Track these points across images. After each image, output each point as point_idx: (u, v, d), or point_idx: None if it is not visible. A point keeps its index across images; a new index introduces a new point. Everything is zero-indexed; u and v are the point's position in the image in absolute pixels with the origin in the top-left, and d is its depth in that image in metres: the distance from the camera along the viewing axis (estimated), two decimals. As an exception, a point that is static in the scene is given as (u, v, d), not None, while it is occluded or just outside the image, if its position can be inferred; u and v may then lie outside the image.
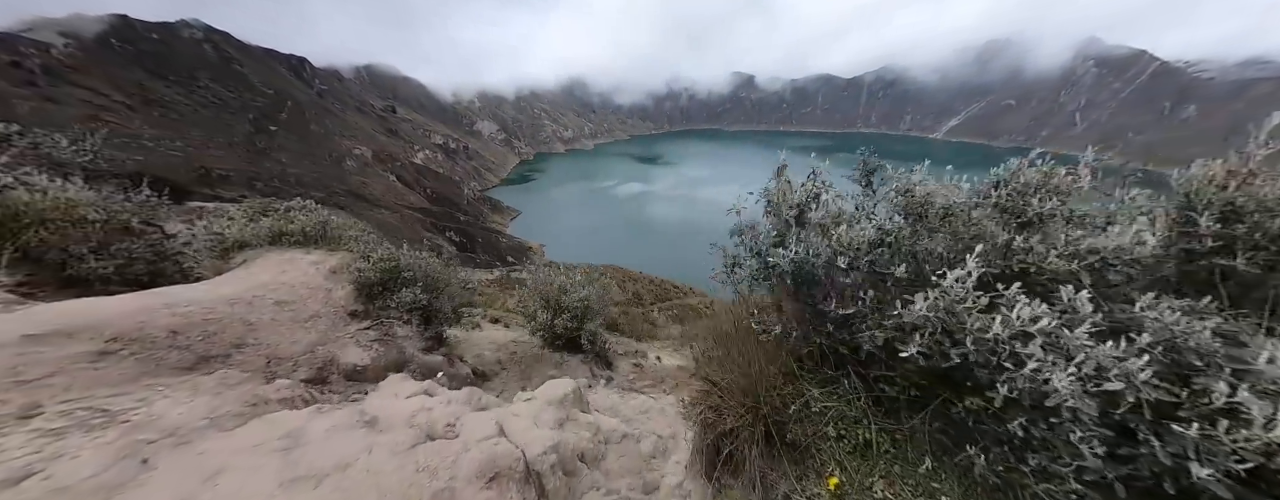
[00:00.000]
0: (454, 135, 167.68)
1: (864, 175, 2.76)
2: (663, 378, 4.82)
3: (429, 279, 4.30)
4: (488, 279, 53.44)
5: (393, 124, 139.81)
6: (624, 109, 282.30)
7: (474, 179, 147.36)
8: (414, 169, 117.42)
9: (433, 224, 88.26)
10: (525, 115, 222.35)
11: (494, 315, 7.79)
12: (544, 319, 4.67)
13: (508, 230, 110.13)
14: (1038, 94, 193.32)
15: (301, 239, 4.54)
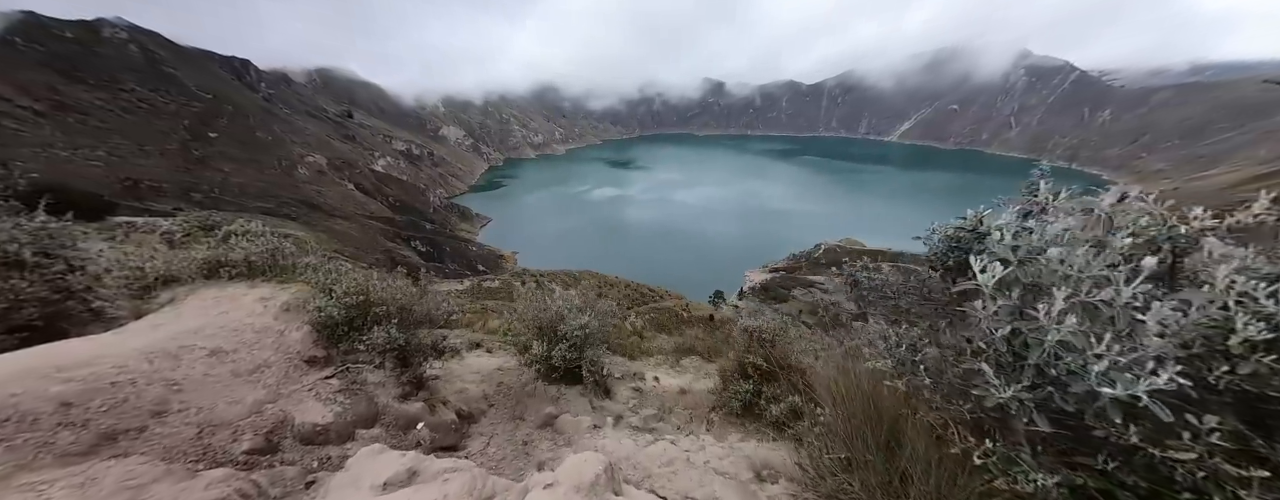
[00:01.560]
0: (418, 141, 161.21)
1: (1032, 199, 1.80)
2: (670, 408, 4.41)
3: (406, 312, 3.71)
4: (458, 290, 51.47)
5: (350, 130, 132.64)
6: (596, 114, 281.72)
7: (440, 186, 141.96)
8: (374, 176, 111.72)
9: (396, 233, 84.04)
10: (494, 120, 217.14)
11: (474, 338, 7.13)
12: (540, 351, 4.16)
13: (478, 238, 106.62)
14: (980, 99, 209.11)
15: (246, 271, 3.82)
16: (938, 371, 1.67)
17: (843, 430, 1.85)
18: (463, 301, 33.67)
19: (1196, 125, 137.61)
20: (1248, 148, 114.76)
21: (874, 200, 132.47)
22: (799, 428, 2.25)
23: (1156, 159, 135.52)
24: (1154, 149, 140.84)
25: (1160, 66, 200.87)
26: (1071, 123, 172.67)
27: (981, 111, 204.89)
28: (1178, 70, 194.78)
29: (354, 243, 68.55)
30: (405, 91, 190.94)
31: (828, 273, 72.84)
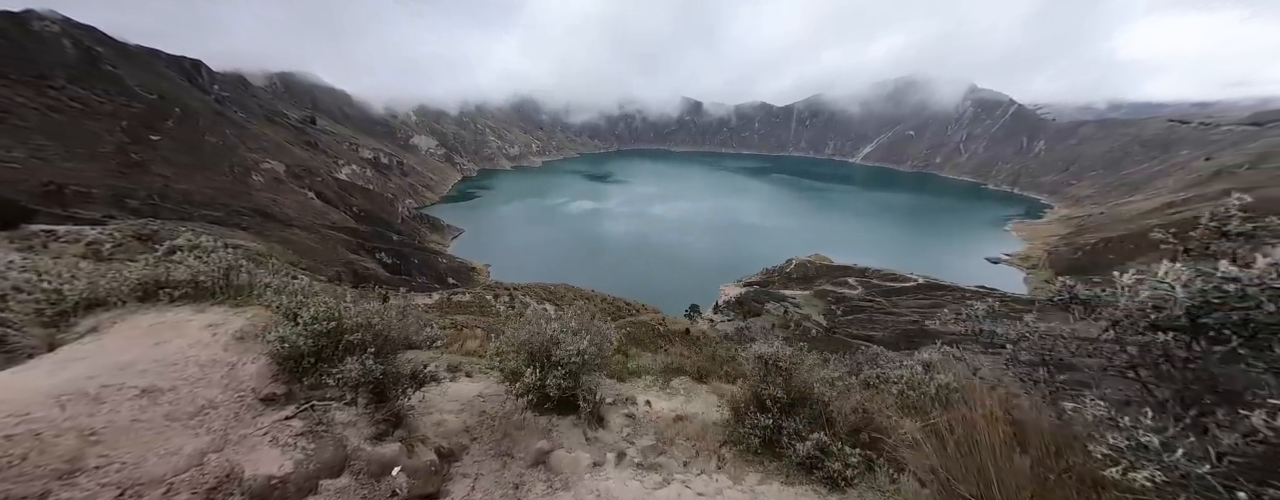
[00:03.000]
0: (387, 150, 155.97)
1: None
2: (670, 438, 4.16)
3: (384, 338, 3.32)
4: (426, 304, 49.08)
5: (312, 136, 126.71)
6: (574, 127, 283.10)
7: (410, 196, 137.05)
8: (337, 185, 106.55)
9: (360, 244, 79.84)
10: (468, 130, 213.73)
11: (451, 361, 6.62)
12: (533, 379, 3.83)
13: (449, 250, 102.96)
14: (934, 127, 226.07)
15: (192, 292, 3.32)
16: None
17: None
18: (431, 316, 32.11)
19: (1116, 157, 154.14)
20: (1159, 177, 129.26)
21: (840, 217, 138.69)
22: (832, 469, 2.08)
23: (1084, 186, 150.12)
24: (1082, 177, 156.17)
25: (1085, 103, 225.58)
26: (1012, 150, 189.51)
27: (935, 138, 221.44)
28: (1100, 107, 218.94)
29: (313, 254, 64.47)
30: (374, 99, 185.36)
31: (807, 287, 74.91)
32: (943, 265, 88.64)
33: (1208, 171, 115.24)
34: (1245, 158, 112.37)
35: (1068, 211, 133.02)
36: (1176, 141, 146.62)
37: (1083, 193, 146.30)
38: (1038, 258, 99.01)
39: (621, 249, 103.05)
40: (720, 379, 7.28)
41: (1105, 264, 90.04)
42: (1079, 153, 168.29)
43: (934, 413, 2.50)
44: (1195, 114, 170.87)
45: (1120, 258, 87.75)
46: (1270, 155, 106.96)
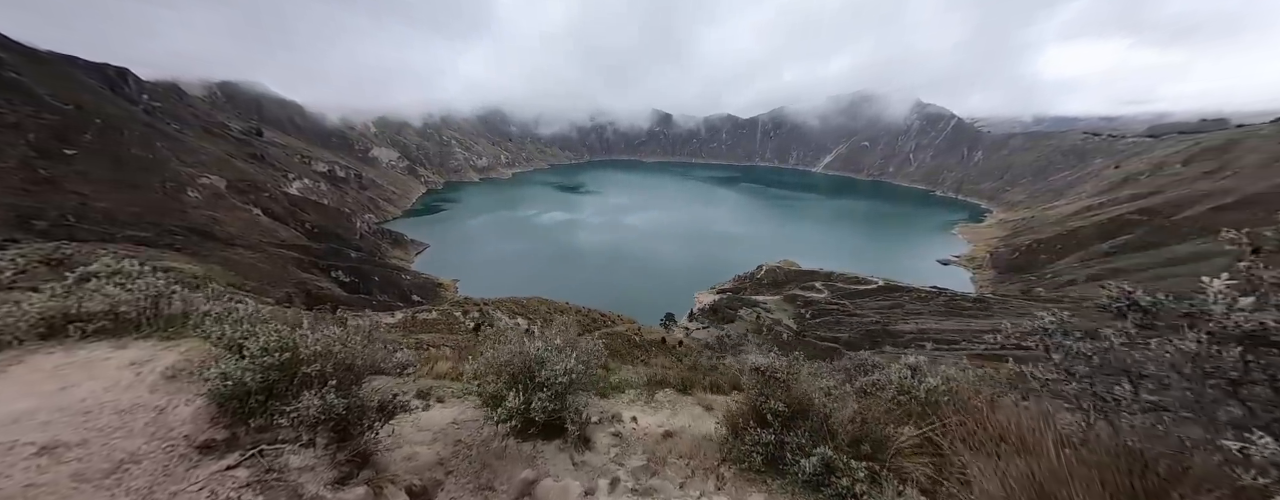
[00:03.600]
0: (343, 162, 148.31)
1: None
2: (661, 457, 3.99)
3: (347, 367, 2.99)
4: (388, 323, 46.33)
5: (258, 149, 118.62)
6: (544, 139, 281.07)
7: (369, 210, 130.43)
8: (287, 200, 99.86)
9: (313, 263, 74.75)
10: (433, 142, 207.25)
11: (420, 386, 6.16)
12: (516, 404, 3.57)
13: (413, 266, 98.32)
14: (886, 138, 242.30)
15: (110, 325, 2.87)
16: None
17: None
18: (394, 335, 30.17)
19: (1042, 165, 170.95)
20: (1078, 184, 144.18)
21: (805, 224, 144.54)
22: (840, 485, 2.00)
23: (1017, 192, 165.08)
24: (1015, 184, 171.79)
25: (1013, 117, 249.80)
26: (955, 160, 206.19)
27: (888, 148, 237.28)
28: (1026, 121, 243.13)
29: (259, 274, 59.58)
30: (330, 109, 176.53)
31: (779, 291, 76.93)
32: (900, 267, 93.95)
33: (1118, 178, 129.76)
34: (1146, 165, 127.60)
35: (1005, 215, 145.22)
36: (1090, 151, 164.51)
37: (1016, 198, 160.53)
38: (981, 258, 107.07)
39: (595, 260, 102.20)
40: (704, 389, 7.18)
41: (1038, 263, 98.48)
42: (1011, 162, 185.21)
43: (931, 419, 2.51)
44: (1104, 127, 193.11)
45: (1051, 257, 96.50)
46: (1165, 163, 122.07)
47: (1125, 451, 1.30)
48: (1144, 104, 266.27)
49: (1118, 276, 77.67)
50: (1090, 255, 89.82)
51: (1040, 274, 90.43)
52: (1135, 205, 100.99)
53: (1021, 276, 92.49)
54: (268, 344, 2.67)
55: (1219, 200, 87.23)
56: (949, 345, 48.03)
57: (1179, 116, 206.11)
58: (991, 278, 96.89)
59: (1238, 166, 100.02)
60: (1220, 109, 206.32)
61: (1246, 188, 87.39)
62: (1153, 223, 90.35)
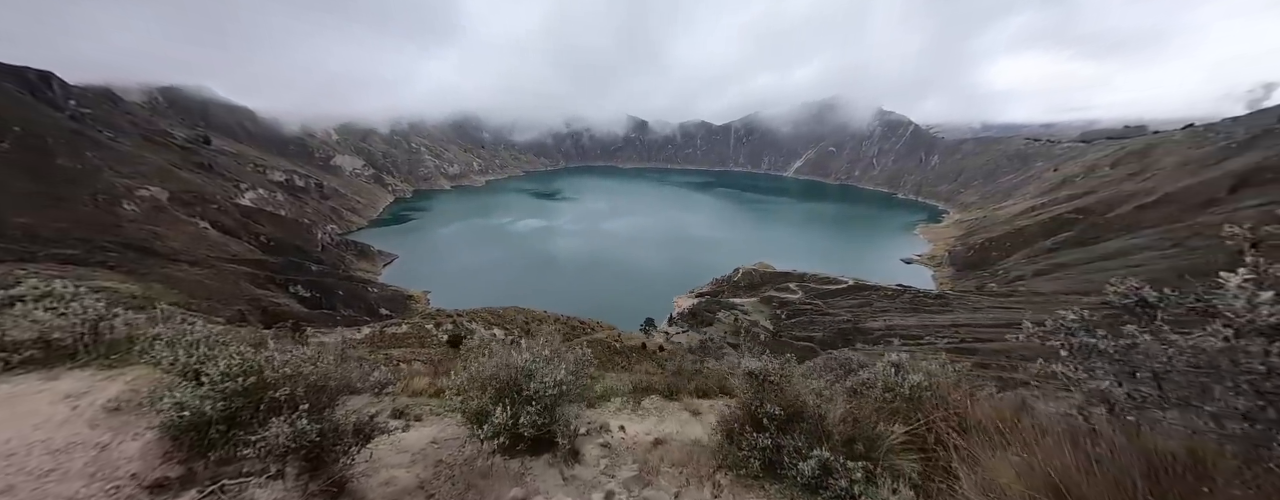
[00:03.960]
0: (302, 171, 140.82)
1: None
2: (653, 466, 3.94)
3: (320, 389, 2.79)
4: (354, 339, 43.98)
5: (205, 158, 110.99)
6: (518, 145, 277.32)
7: (332, 221, 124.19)
8: (239, 212, 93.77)
9: (269, 278, 70.26)
10: (401, 149, 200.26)
11: (396, 405, 5.85)
12: (503, 419, 3.44)
13: (380, 278, 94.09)
14: (851, 144, 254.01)
15: (40, 355, 2.56)
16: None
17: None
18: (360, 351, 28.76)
19: (990, 169, 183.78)
20: (1023, 185, 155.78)
21: (779, 227, 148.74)
22: (838, 487, 2.03)
23: (970, 194, 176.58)
24: (968, 186, 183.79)
25: (964, 123, 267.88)
26: (914, 164, 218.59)
27: (853, 153, 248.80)
28: (976, 127, 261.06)
29: (207, 292, 55.37)
30: (287, 116, 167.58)
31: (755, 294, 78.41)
32: (867, 267, 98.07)
33: (1057, 180, 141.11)
34: (1081, 168, 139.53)
35: (960, 216, 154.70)
36: (1032, 155, 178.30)
37: (969, 200, 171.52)
38: (941, 257, 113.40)
39: (573, 267, 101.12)
40: (690, 394, 7.18)
41: (991, 260, 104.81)
42: (963, 166, 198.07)
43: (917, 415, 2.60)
44: (1043, 133, 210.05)
45: (1002, 254, 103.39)
46: (1096, 166, 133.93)
47: (1145, 445, 1.35)
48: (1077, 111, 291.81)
49: (1059, 270, 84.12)
50: (1036, 252, 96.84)
51: (993, 270, 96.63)
52: (1072, 205, 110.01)
53: (976, 273, 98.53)
54: (230, 368, 2.45)
55: (1142, 199, 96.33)
56: (915, 340, 50.37)
57: (1107, 123, 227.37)
58: (950, 275, 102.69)
59: (1156, 168, 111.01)
60: (1141, 116, 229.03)
61: (1164, 187, 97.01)
62: (1088, 221, 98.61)
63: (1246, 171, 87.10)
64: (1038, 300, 63.46)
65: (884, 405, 2.83)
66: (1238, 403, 1.25)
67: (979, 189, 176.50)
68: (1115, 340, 1.46)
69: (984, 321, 55.39)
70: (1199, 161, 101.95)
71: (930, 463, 2.45)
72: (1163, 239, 79.50)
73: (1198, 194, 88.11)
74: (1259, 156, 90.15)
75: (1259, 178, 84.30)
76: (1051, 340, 1.55)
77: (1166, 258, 73.19)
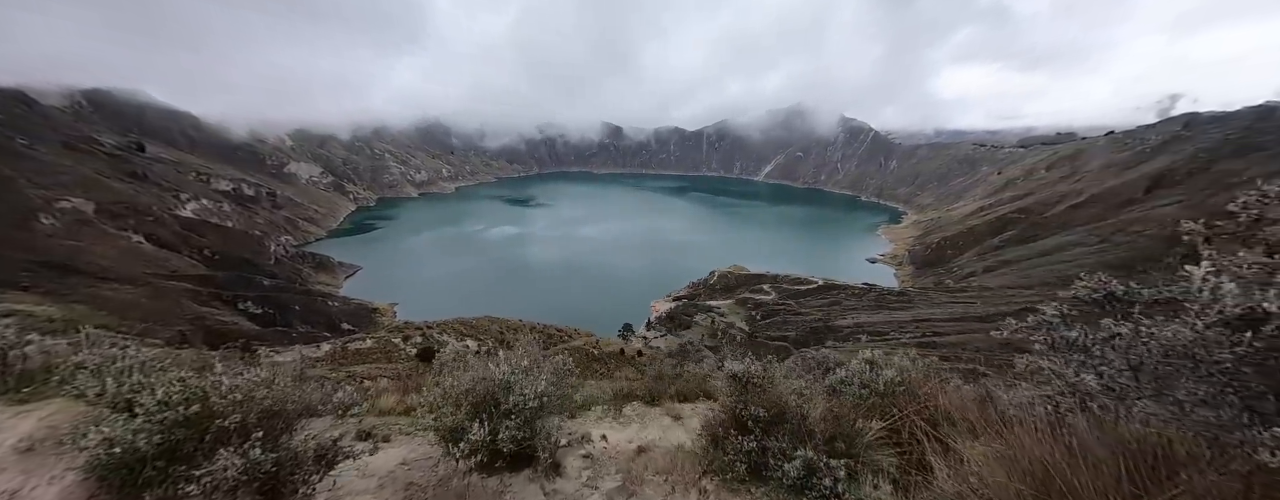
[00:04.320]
0: (252, 179, 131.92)
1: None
2: (638, 476, 3.88)
3: (276, 414, 2.57)
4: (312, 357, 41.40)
5: (138, 166, 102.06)
6: (490, 151, 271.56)
7: (286, 232, 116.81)
8: (179, 224, 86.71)
9: (214, 294, 65.12)
10: (363, 156, 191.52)
11: (363, 426, 5.50)
12: (481, 436, 3.28)
13: (341, 290, 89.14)
14: (817, 149, 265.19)
15: (-72, 392, 2.22)
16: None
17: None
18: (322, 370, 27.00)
19: (943, 173, 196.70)
20: (972, 188, 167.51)
21: (751, 230, 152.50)
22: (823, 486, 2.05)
23: (926, 196, 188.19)
24: (923, 189, 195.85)
25: (919, 130, 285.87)
26: (875, 168, 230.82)
27: (819, 158, 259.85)
28: (929, 133, 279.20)
29: (142, 312, 50.57)
30: (235, 121, 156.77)
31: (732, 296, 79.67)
32: (835, 267, 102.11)
33: (1001, 183, 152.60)
34: (1021, 172, 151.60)
35: (917, 217, 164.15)
36: (979, 160, 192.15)
37: (926, 201, 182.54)
38: (902, 256, 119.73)
39: (549, 274, 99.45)
40: (672, 399, 7.15)
41: (946, 258, 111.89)
42: (919, 169, 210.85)
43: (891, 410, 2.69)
44: (988, 139, 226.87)
45: (955, 252, 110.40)
46: (1034, 170, 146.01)
47: (1120, 433, 1.45)
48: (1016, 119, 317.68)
49: (1006, 266, 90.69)
50: (985, 249, 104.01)
51: (949, 267, 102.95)
52: (1015, 205, 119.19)
53: (933, 271, 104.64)
54: (169, 396, 2.22)
55: (1073, 200, 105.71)
56: (881, 336, 52.71)
57: (1042, 130, 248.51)
58: (911, 273, 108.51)
59: (1084, 172, 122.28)
60: (1071, 124, 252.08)
61: (1091, 189, 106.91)
62: (1028, 220, 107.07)
63: (1159, 173, 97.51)
64: (987, 294, 68.07)
65: (861, 402, 2.91)
66: (1201, 391, 1.29)
67: (934, 191, 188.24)
68: (1094, 333, 1.51)
69: (942, 316, 58.73)
70: (1120, 165, 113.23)
71: (906, 457, 2.53)
72: (1092, 235, 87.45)
73: (1119, 194, 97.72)
74: (1168, 161, 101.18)
75: (1170, 179, 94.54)
76: (1034, 336, 1.62)
77: (1095, 253, 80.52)
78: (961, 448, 2.18)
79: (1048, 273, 77.89)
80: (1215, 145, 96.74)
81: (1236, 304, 1.24)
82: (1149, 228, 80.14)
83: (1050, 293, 11.96)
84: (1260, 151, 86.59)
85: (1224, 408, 1.27)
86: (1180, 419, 1.36)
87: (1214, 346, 1.26)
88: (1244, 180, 78.55)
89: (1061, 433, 1.56)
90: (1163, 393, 1.38)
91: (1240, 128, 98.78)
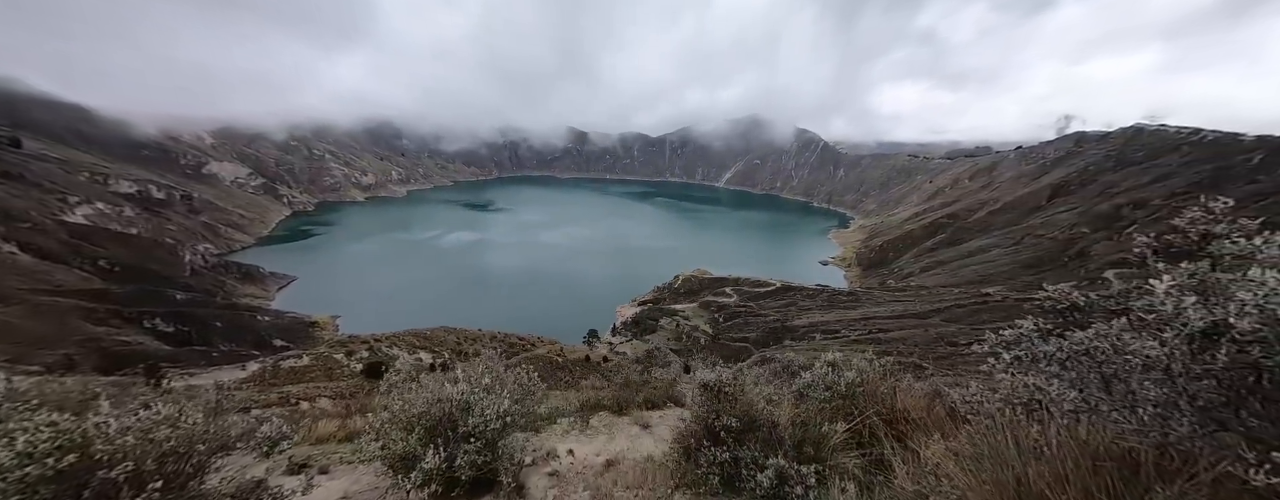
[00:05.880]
0: (162, 181, 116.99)
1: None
2: (607, 491, 3.74)
3: (181, 456, 2.18)
4: (237, 379, 37.11)
5: (13, 164, 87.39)
6: (446, 154, 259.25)
7: (206, 239, 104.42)
8: (67, 231, 75.06)
9: (113, 312, 56.86)
10: (299, 157, 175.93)
11: (297, 457, 4.93)
12: (436, 463, 3.00)
13: (272, 303, 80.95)
14: (773, 157, 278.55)
15: None
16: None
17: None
18: (248, 394, 24.24)
19: (883, 181, 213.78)
20: (909, 195, 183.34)
21: (713, 234, 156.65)
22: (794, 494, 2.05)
23: (870, 202, 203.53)
24: (867, 195, 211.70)
25: (862, 142, 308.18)
26: (825, 176, 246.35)
27: (775, 166, 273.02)
28: (871, 145, 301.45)
29: (19, 335, 42.96)
30: (141, 116, 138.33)
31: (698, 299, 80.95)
32: (791, 269, 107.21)
33: (933, 191, 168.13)
34: (949, 181, 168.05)
35: (863, 222, 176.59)
36: (913, 170, 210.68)
37: (870, 207, 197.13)
38: (851, 258, 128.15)
39: (510, 281, 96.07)
40: (640, 407, 7.04)
41: (888, 260, 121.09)
42: (864, 178, 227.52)
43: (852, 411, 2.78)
44: (920, 151, 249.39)
45: (896, 254, 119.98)
46: (959, 179, 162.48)
47: (1082, 437, 1.52)
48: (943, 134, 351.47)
49: (939, 267, 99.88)
50: (921, 251, 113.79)
51: (891, 268, 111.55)
52: (944, 211, 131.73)
53: (878, 272, 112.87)
54: (34, 447, 1.81)
55: (991, 206, 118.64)
56: (833, 334, 55.86)
57: (965, 144, 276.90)
58: (859, 274, 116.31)
59: (999, 182, 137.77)
60: (987, 139, 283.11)
61: (1005, 197, 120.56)
62: (956, 224, 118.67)
63: (1057, 184, 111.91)
64: (924, 293, 74.40)
65: (826, 405, 2.98)
66: (1180, 402, 1.32)
67: (877, 198, 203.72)
68: (1067, 345, 1.55)
69: (885, 314, 63.31)
70: (1027, 176, 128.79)
71: (867, 456, 2.61)
72: (1006, 238, 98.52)
73: (1027, 202, 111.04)
74: (1064, 173, 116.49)
75: (1066, 189, 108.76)
76: (1014, 350, 1.68)
77: (1010, 254, 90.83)
78: (918, 446, 2.27)
79: (973, 273, 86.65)
80: (1099, 160, 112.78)
81: (1201, 318, 1.25)
82: (1051, 232, 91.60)
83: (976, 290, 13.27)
84: (1133, 165, 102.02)
85: (1190, 417, 1.32)
86: (1149, 429, 1.39)
87: (1184, 359, 1.29)
88: (1121, 191, 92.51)
89: (1023, 434, 1.64)
90: (1136, 405, 1.40)
91: (1117, 146, 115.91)
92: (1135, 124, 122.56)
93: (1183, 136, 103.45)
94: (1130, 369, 1.41)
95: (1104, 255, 72.79)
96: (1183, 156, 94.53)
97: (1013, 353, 1.71)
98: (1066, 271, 71.76)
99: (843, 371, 3.18)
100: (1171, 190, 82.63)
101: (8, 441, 1.85)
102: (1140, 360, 1.37)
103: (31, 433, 1.92)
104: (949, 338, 47.53)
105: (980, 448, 1.66)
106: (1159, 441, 1.38)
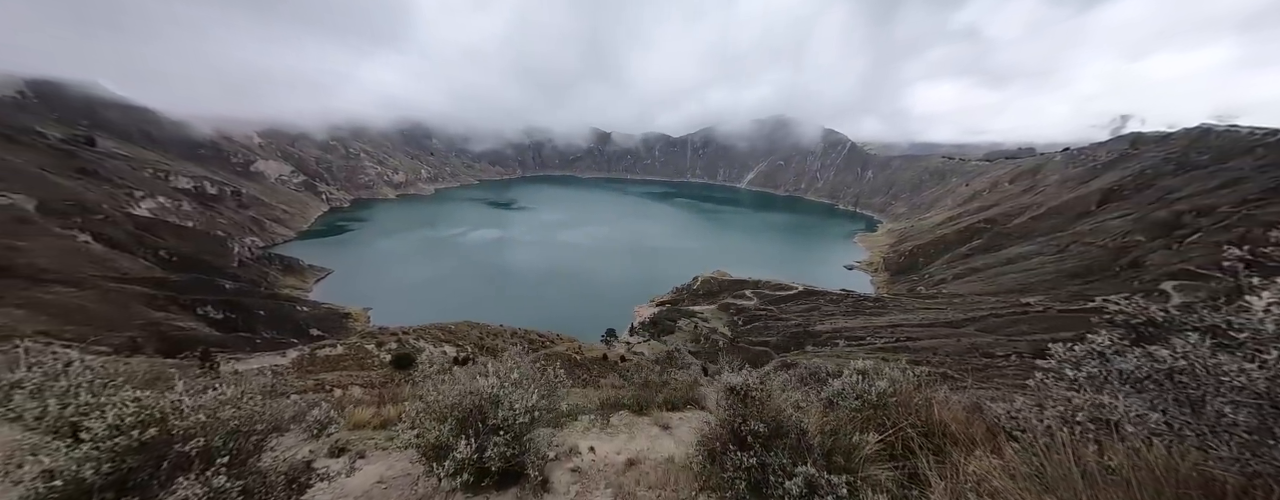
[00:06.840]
0: (216, 177, 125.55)
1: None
2: (629, 490, 3.78)
3: (244, 435, 2.37)
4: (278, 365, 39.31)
5: (88, 161, 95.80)
6: (472, 154, 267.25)
7: (253, 233, 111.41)
8: (133, 223, 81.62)
9: (171, 298, 61.38)
10: (337, 156, 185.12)
11: (336, 442, 5.20)
12: (467, 454, 3.13)
13: (310, 294, 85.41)
14: (798, 158, 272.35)
15: None
16: None
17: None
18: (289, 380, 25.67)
19: (915, 183, 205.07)
20: (943, 198, 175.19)
21: (734, 236, 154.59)
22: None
23: (899, 205, 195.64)
24: (897, 198, 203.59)
25: (893, 142, 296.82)
26: (852, 178, 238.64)
27: (799, 167, 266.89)
28: (903, 146, 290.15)
29: (87, 318, 47.09)
30: (198, 117, 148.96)
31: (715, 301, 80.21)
32: (814, 273, 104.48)
33: (969, 194, 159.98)
34: (987, 184, 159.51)
35: (892, 225, 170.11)
36: (948, 172, 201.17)
37: (899, 211, 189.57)
38: (877, 263, 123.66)
39: (530, 279, 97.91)
40: (660, 407, 7.05)
41: (918, 265, 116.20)
42: (893, 180, 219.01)
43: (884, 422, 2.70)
44: (956, 152, 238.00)
45: (927, 260, 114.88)
46: (999, 182, 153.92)
47: (1155, 460, 1.38)
48: (982, 134, 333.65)
49: (974, 274, 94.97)
50: (954, 257, 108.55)
51: (921, 274, 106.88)
52: (981, 215, 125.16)
53: (907, 277, 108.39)
54: (122, 421, 2.01)
55: (1034, 211, 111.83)
56: (858, 341, 54.07)
57: (1006, 145, 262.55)
58: (886, 279, 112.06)
59: (1043, 185, 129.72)
60: (1031, 140, 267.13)
61: (1050, 202, 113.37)
62: (994, 229, 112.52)
63: (1109, 189, 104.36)
64: (957, 301, 70.95)
65: (856, 414, 2.92)
66: (1250, 425, 1.22)
67: (907, 201, 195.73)
68: (1150, 363, 1.41)
69: (915, 322, 60.76)
70: (1075, 179, 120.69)
71: (901, 470, 2.54)
72: (1050, 245, 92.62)
73: (1074, 207, 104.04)
74: (1117, 176, 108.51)
75: (1118, 194, 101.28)
76: (1085, 365, 1.55)
77: (1053, 261, 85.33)
78: (958, 460, 2.19)
79: (1012, 281, 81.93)
80: (1157, 164, 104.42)
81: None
82: (1100, 239, 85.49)
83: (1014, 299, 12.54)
84: (1197, 169, 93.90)
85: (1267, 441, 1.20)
86: (1238, 457, 1.28)
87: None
88: (1183, 196, 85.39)
89: (1088, 457, 1.50)
90: (1226, 430, 1.30)
91: (1180, 147, 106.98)
92: (1201, 124, 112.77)
93: (1258, 138, 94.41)
94: (1220, 391, 1.29)
95: (1161, 266, 67.28)
96: (1258, 159, 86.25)
97: (1087, 369, 1.57)
98: (1118, 282, 66.82)
99: (874, 380, 3.10)
100: (1243, 196, 75.47)
101: (100, 414, 2.06)
102: (1234, 383, 1.26)
103: (119, 408, 2.13)
104: (984, 349, 45.17)
105: (1035, 466, 1.57)
106: (1249, 471, 1.26)
